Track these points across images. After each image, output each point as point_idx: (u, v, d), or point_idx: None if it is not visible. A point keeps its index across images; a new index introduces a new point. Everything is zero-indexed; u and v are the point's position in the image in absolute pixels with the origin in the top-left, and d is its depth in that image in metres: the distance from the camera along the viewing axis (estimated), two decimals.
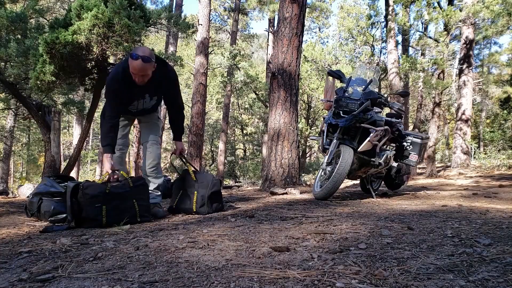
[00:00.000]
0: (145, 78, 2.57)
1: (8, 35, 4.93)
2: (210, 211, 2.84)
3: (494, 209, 2.78)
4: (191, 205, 2.85)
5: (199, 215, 2.79)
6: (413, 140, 4.16)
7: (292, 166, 5.41)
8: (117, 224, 2.36)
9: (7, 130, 13.96)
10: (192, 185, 2.90)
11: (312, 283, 1.15)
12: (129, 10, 4.43)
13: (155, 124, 3.07)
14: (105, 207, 2.37)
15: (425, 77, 12.27)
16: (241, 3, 18.59)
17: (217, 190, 2.92)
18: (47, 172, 5.67)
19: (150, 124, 3.05)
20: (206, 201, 2.83)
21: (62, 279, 1.26)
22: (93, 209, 2.35)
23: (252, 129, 24.76)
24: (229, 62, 15.00)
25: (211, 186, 2.88)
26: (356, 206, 3.14)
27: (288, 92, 5.55)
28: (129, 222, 2.42)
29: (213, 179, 2.93)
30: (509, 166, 10.00)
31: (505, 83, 18.01)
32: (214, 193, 2.89)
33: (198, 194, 2.85)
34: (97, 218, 2.35)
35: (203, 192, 2.85)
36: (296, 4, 5.55)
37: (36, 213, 2.79)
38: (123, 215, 2.42)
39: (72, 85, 5.43)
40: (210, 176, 3.00)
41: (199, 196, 2.84)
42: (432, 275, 1.19)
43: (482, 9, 8.94)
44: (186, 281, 1.19)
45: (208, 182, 2.89)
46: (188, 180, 2.95)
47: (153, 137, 2.98)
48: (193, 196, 2.86)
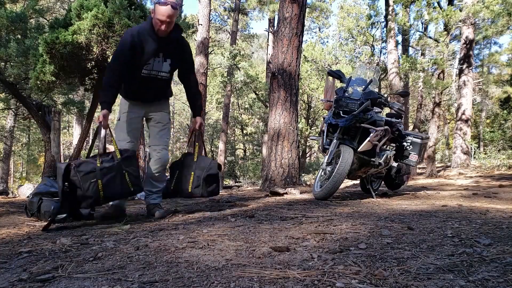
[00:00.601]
0: (169, 27, 2.57)
1: (8, 35, 4.94)
2: (204, 194, 2.86)
3: (494, 209, 2.78)
4: (187, 185, 2.86)
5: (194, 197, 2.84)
6: (413, 140, 4.16)
7: (292, 166, 5.41)
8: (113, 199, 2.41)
9: (7, 130, 13.96)
10: (190, 166, 2.91)
11: (312, 283, 1.15)
12: (129, 10, 4.43)
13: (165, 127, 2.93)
14: (100, 181, 2.36)
15: (425, 77, 12.28)
16: (241, 3, 18.60)
17: (213, 173, 2.90)
18: (47, 172, 5.67)
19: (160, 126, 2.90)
20: (201, 183, 2.83)
21: (62, 279, 1.26)
22: (89, 185, 2.33)
23: (252, 129, 24.76)
24: (229, 62, 15.01)
25: (208, 168, 2.88)
26: (356, 206, 3.14)
27: (288, 92, 5.55)
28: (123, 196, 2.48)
29: (211, 162, 2.94)
30: (509, 166, 10.00)
31: (505, 83, 18.01)
32: (210, 176, 2.88)
33: (194, 175, 2.86)
34: (94, 194, 2.35)
35: (199, 173, 2.86)
36: (296, 4, 5.55)
37: (36, 213, 2.78)
38: (117, 188, 2.44)
39: (72, 85, 5.43)
40: (209, 159, 3.01)
41: (195, 176, 2.85)
42: (432, 275, 1.19)
43: (482, 9, 8.94)
44: (186, 281, 1.19)
45: (206, 164, 2.90)
46: (188, 161, 2.96)
47: (164, 141, 2.89)
48: (189, 177, 2.87)
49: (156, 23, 2.55)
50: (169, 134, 3.00)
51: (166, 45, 2.67)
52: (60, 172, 2.31)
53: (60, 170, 2.32)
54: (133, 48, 2.58)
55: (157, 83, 2.77)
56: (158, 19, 2.52)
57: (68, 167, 2.35)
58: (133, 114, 2.81)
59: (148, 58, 2.65)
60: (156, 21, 2.54)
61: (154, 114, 2.89)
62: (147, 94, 2.80)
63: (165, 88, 2.90)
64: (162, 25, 2.54)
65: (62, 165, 2.37)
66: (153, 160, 2.86)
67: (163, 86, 2.85)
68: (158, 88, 2.81)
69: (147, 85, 2.75)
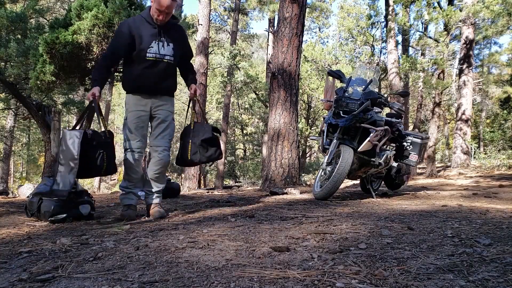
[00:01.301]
0: (167, 18, 2.67)
1: (8, 35, 4.94)
2: (203, 159, 2.90)
3: (494, 209, 2.78)
4: (187, 153, 2.90)
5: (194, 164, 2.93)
6: (413, 140, 4.16)
7: (292, 166, 5.41)
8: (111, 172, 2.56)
9: (7, 130, 13.96)
10: (188, 134, 2.95)
11: (312, 283, 1.15)
12: (129, 10, 4.43)
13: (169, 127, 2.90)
14: (105, 153, 2.55)
15: (425, 77, 12.28)
16: (241, 3, 18.60)
17: (208, 137, 2.91)
18: (47, 172, 5.67)
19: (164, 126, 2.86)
20: (198, 149, 2.87)
21: (62, 279, 1.26)
22: (97, 155, 2.50)
23: (252, 129, 24.77)
24: (229, 62, 15.02)
25: (202, 133, 2.90)
26: (356, 206, 3.14)
27: (288, 92, 5.55)
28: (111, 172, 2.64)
29: (205, 127, 2.96)
30: (509, 166, 10.00)
31: (505, 83, 18.02)
32: (205, 141, 2.89)
33: (191, 142, 2.90)
34: (101, 164, 2.51)
35: (195, 140, 2.89)
36: (296, 4, 5.55)
37: (36, 213, 2.78)
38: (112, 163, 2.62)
39: (72, 85, 5.43)
40: (205, 125, 3.02)
41: (192, 144, 2.90)
42: (432, 275, 1.19)
43: (482, 9, 8.95)
44: (186, 281, 1.19)
45: (200, 130, 2.94)
46: (186, 130, 3.00)
47: (165, 143, 2.87)
48: (188, 145, 2.91)
49: (154, 12, 2.64)
50: (172, 133, 2.96)
51: (166, 30, 2.76)
52: (75, 139, 2.46)
53: (75, 136, 2.47)
54: (131, 35, 2.66)
55: (162, 67, 2.76)
56: (157, 9, 2.61)
57: (86, 135, 2.50)
58: (140, 112, 2.78)
59: (149, 40, 2.69)
60: (155, 10, 2.62)
61: (158, 111, 2.83)
62: (152, 79, 2.74)
63: (170, 76, 2.86)
64: (160, 15, 2.63)
65: (76, 132, 2.51)
66: (154, 161, 2.85)
67: (169, 72, 2.83)
68: (163, 72, 2.78)
69: (152, 69, 2.73)
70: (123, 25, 2.71)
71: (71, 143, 2.44)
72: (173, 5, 2.63)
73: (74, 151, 2.43)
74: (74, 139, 2.46)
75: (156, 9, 2.61)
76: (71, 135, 2.49)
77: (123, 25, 2.71)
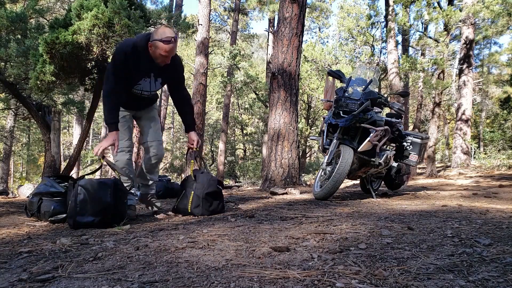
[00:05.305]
0: (169, 60, 2.57)
1: (8, 35, 4.93)
2: (205, 213, 2.78)
3: (494, 209, 2.78)
4: (187, 205, 2.83)
5: (194, 216, 2.77)
6: (413, 140, 4.16)
7: (292, 166, 5.41)
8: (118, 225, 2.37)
9: (7, 130, 13.96)
10: (191, 185, 2.88)
11: (312, 283, 1.15)
12: (129, 10, 4.43)
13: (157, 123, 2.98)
14: (126, 202, 2.55)
15: (425, 77, 12.28)
16: (241, 3, 18.60)
17: (213, 190, 2.84)
18: (47, 172, 5.67)
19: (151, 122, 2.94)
20: (201, 202, 2.78)
21: (62, 279, 1.26)
22: (123, 204, 2.50)
23: (252, 129, 24.77)
24: (229, 62, 15.01)
25: (207, 186, 2.82)
26: (356, 206, 3.14)
27: (288, 92, 5.55)
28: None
29: (210, 179, 2.87)
30: (509, 166, 10.00)
31: (505, 83, 18.00)
32: (209, 194, 2.81)
33: (194, 194, 2.82)
34: (126, 213, 2.52)
35: (199, 192, 2.81)
36: (296, 4, 5.55)
37: (36, 213, 2.78)
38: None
39: (72, 85, 5.42)
40: (208, 176, 2.93)
41: (195, 196, 2.81)
42: (432, 275, 1.19)
43: (482, 9, 8.94)
44: (186, 281, 1.19)
45: (205, 182, 2.84)
46: (190, 180, 2.93)
47: (159, 136, 2.93)
48: (190, 196, 2.83)
49: (156, 57, 2.52)
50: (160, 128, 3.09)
51: (160, 67, 2.65)
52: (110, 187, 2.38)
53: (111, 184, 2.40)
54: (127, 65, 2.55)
55: (145, 99, 2.87)
56: (160, 54, 2.49)
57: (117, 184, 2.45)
58: (123, 112, 2.84)
59: (138, 77, 2.66)
60: (157, 54, 2.50)
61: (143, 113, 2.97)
62: (135, 107, 2.91)
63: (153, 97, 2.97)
64: (162, 59, 2.53)
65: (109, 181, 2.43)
66: (150, 155, 2.90)
67: (151, 97, 2.95)
68: (147, 102, 2.93)
69: (136, 100, 2.84)
70: (120, 54, 2.54)
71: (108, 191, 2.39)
72: (176, 46, 2.52)
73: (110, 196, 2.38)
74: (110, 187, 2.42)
75: (159, 54, 2.49)
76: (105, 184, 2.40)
77: (120, 54, 2.54)
